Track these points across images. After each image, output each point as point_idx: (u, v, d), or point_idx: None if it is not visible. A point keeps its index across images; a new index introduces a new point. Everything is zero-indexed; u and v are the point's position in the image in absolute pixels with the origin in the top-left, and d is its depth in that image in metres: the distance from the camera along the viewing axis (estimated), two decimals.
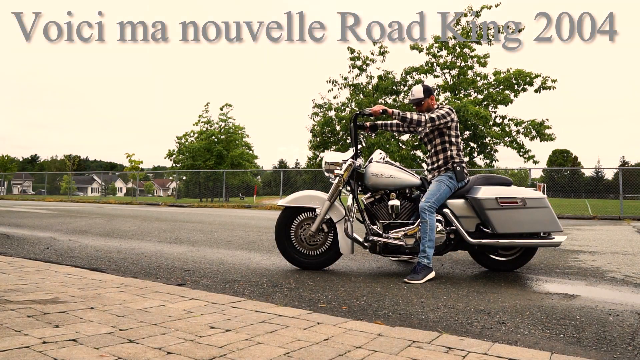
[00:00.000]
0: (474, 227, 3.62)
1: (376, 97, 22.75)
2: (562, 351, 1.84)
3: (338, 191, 3.70)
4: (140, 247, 4.99)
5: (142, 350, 1.59)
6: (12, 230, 6.62)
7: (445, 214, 3.59)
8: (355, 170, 3.72)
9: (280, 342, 1.75)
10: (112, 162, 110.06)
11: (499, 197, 3.50)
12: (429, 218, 3.45)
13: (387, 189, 3.74)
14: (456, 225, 3.56)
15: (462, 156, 3.75)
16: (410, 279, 3.30)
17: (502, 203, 3.50)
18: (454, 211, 3.60)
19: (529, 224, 3.52)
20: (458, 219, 3.59)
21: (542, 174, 58.95)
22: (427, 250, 3.42)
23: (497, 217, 3.50)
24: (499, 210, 3.50)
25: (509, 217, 3.50)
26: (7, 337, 1.67)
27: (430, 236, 3.44)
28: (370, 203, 3.76)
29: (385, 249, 3.60)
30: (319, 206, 3.69)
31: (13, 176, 47.09)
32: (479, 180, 3.71)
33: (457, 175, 3.63)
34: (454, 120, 3.72)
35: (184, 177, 36.55)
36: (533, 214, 3.51)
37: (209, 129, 35.72)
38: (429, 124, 3.65)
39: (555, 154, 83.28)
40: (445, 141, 3.72)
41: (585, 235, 7.41)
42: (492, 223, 3.51)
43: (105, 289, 2.61)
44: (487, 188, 3.57)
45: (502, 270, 3.80)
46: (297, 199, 3.77)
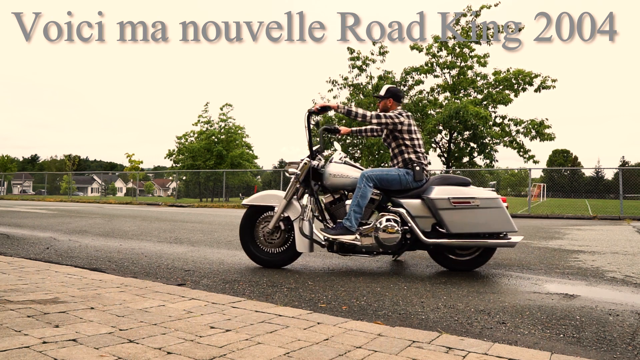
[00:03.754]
0: (429, 227, 3.65)
1: None
2: (562, 351, 1.84)
3: (295, 190, 3.79)
4: (140, 247, 4.99)
5: (142, 350, 1.59)
6: (12, 230, 6.62)
7: (400, 213, 3.64)
8: (314, 170, 3.82)
9: (280, 342, 1.75)
10: (112, 162, 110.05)
11: (451, 197, 3.54)
12: (363, 185, 3.61)
13: (345, 189, 3.81)
14: (411, 225, 3.60)
15: (423, 158, 3.83)
16: (324, 231, 3.61)
17: (454, 203, 3.54)
18: (410, 211, 3.65)
19: (483, 225, 3.55)
20: (414, 219, 3.63)
21: (542, 174, 58.97)
22: (351, 215, 3.57)
23: (450, 217, 3.53)
24: (451, 210, 3.54)
25: (462, 217, 3.53)
26: (7, 337, 1.67)
27: (360, 202, 3.58)
28: (330, 203, 3.85)
29: (342, 247, 3.67)
30: (278, 204, 3.77)
31: (13, 176, 47.08)
32: (436, 180, 3.76)
33: (416, 175, 3.72)
34: (404, 124, 3.80)
35: (184, 177, 36.53)
36: (487, 215, 3.54)
37: (209, 129, 35.71)
38: (374, 120, 3.75)
39: (555, 154, 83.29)
40: (401, 144, 3.82)
41: (585, 235, 7.41)
42: (445, 223, 3.54)
43: (105, 289, 2.61)
44: (441, 188, 3.62)
45: (460, 270, 3.79)
46: (258, 197, 3.89)
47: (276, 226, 3.75)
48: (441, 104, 21.67)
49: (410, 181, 3.71)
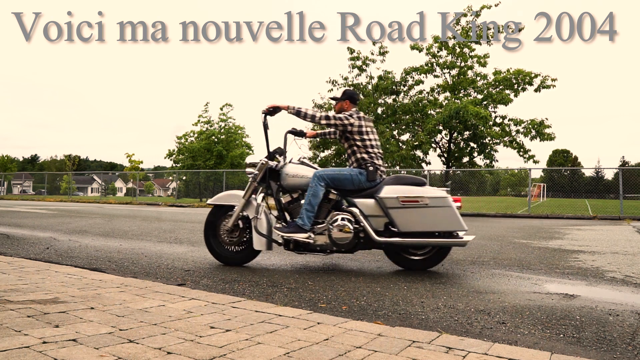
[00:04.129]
0: (382, 227, 3.69)
1: (376, 97, 22.75)
2: (562, 351, 1.84)
3: (254, 189, 3.92)
4: (140, 247, 4.99)
5: (142, 350, 1.59)
6: (12, 230, 6.62)
7: (354, 213, 3.69)
8: (272, 170, 3.94)
9: (280, 342, 1.75)
10: (112, 162, 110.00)
11: (400, 196, 3.60)
12: (315, 185, 3.68)
13: (302, 189, 3.88)
14: (364, 224, 3.65)
15: (377, 158, 3.87)
16: (279, 230, 3.69)
17: (403, 202, 3.60)
18: (363, 210, 3.70)
19: (432, 224, 3.60)
20: (367, 218, 3.68)
21: (542, 174, 58.98)
22: (303, 213, 3.65)
23: (400, 216, 3.60)
24: (401, 209, 3.60)
25: (411, 216, 3.59)
26: (7, 337, 1.67)
27: (312, 201, 3.66)
28: (288, 202, 3.94)
29: (297, 245, 3.74)
30: (238, 204, 3.89)
31: (13, 176, 47.08)
32: (389, 180, 3.82)
33: (369, 175, 3.76)
34: (354, 125, 3.85)
35: (184, 177, 36.50)
36: (435, 214, 3.59)
37: (209, 129, 35.68)
38: (322, 121, 3.83)
39: (555, 154, 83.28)
40: (352, 145, 3.88)
41: (585, 235, 7.41)
42: (394, 222, 3.61)
43: (105, 289, 2.61)
44: (392, 187, 3.68)
45: (416, 269, 3.81)
46: (221, 197, 4.02)
47: (235, 224, 3.86)
48: (441, 104, 21.68)
49: (363, 181, 3.77)
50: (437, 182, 21.73)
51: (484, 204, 18.96)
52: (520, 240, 6.38)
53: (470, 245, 5.56)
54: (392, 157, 20.64)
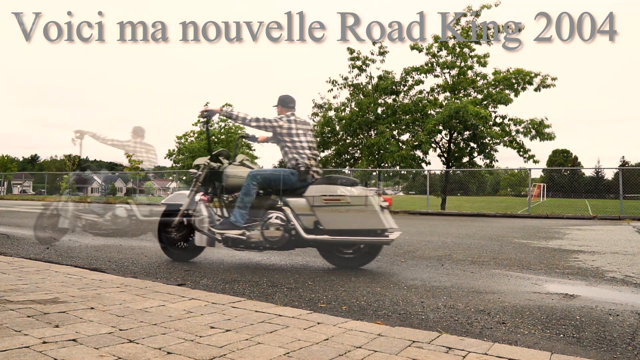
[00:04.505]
0: (312, 225, 3.80)
1: (376, 97, 22.75)
2: (562, 351, 1.84)
3: (198, 189, 4.14)
4: (140, 247, 4.99)
5: (142, 350, 1.59)
6: (12, 230, 6.62)
7: (285, 212, 3.82)
8: (216, 171, 4.13)
9: (280, 342, 1.75)
10: (112, 162, 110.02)
11: (323, 195, 3.72)
12: (247, 184, 3.85)
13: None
14: (293, 222, 3.77)
15: (308, 159, 3.98)
16: (214, 227, 3.85)
17: (326, 200, 3.72)
18: (294, 209, 3.84)
19: (354, 222, 3.71)
20: (297, 217, 3.81)
21: (542, 174, 58.96)
22: (236, 210, 3.84)
23: (324, 214, 3.73)
24: (324, 208, 3.72)
25: (334, 214, 3.71)
26: (7, 337, 1.66)
27: (244, 199, 3.84)
28: (230, 202, 4.12)
29: (234, 242, 3.87)
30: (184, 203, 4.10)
31: (13, 176, 47.10)
32: (320, 180, 3.93)
33: (300, 175, 3.88)
34: (283, 127, 4.02)
35: (184, 177, 36.52)
36: (357, 212, 3.69)
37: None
38: (252, 124, 4.01)
39: (555, 154, 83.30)
40: (284, 146, 4.05)
41: (585, 235, 7.41)
42: (319, 220, 3.74)
43: (105, 289, 2.61)
44: (318, 187, 3.81)
45: (349, 267, 3.90)
46: (170, 197, 4.31)
47: (180, 222, 4.06)
48: (441, 104, 21.66)
49: (294, 181, 3.89)
50: (437, 182, 21.73)
51: (484, 204, 18.97)
52: (520, 240, 6.38)
53: (471, 245, 5.56)
54: (392, 157, 20.62)
